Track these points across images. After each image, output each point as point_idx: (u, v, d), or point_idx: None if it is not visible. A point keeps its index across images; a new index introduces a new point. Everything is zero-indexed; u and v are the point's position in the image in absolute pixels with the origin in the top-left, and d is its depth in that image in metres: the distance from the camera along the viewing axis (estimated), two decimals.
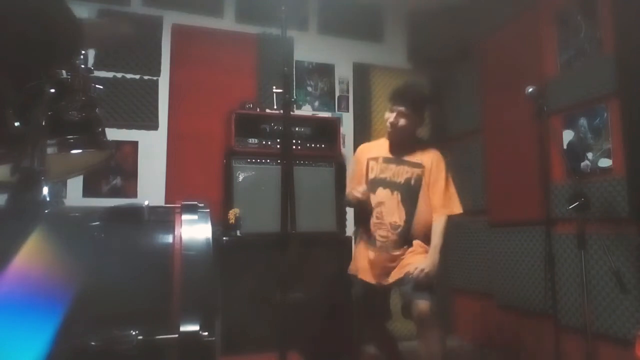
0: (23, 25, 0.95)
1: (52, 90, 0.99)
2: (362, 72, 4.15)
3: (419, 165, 2.48)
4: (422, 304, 2.23)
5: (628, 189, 2.49)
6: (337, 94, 4.10)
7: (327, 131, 3.56)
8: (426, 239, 2.44)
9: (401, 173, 2.48)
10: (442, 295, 4.07)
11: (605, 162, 2.65)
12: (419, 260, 2.35)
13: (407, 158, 2.51)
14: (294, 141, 3.34)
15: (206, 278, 0.85)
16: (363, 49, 4.18)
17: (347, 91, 4.13)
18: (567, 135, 2.91)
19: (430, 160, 2.49)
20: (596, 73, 2.71)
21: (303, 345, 2.54)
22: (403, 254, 2.43)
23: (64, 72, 1.02)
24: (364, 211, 2.55)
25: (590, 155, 2.75)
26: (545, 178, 2.64)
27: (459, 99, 4.09)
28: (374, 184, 2.52)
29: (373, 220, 2.48)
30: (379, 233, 2.46)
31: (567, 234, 2.78)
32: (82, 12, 3.22)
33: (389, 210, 2.45)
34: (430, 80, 4.33)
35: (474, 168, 3.79)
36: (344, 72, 4.13)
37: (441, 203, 2.43)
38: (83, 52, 1.12)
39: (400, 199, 2.44)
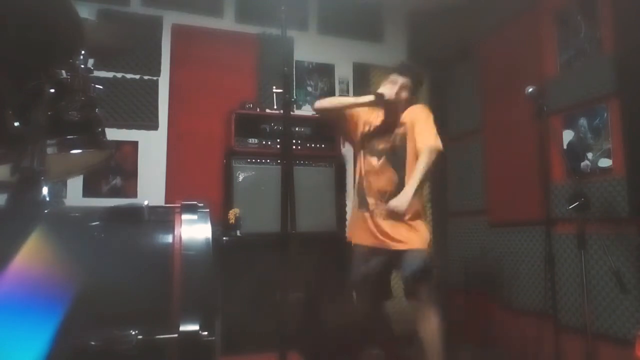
0: (23, 25, 0.95)
1: (52, 90, 0.99)
2: (362, 72, 4.15)
3: (401, 125, 2.50)
4: (422, 286, 2.31)
5: (628, 189, 2.49)
6: (337, 94, 4.10)
7: (327, 131, 3.56)
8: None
9: (386, 140, 2.51)
10: (442, 295, 4.08)
11: (605, 162, 2.65)
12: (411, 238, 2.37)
13: (394, 123, 2.52)
14: (294, 141, 3.34)
15: (206, 278, 0.85)
16: (363, 49, 4.18)
17: (347, 91, 4.13)
18: (567, 135, 2.91)
19: (409, 116, 2.49)
20: (596, 73, 2.71)
21: (303, 345, 2.54)
22: (395, 231, 2.39)
23: (64, 72, 1.02)
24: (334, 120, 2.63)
25: (590, 155, 2.75)
26: (545, 178, 2.64)
27: (459, 99, 4.09)
28: (367, 151, 2.56)
29: (365, 185, 2.53)
30: (369, 200, 2.50)
31: (567, 234, 2.78)
32: (82, 12, 3.21)
33: (376, 177, 2.49)
34: (430, 80, 4.34)
35: (474, 168, 3.79)
36: (344, 72, 4.13)
37: (421, 141, 2.39)
38: (83, 52, 1.12)
39: (387, 162, 2.46)
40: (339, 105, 2.64)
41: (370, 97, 2.50)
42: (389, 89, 2.47)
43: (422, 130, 2.41)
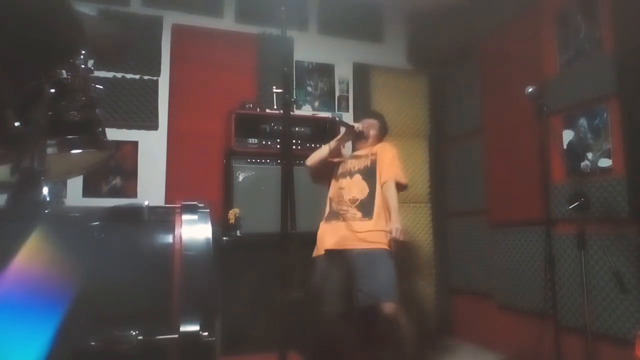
0: (23, 25, 0.95)
1: (52, 90, 0.99)
2: (362, 72, 4.15)
3: (373, 154, 2.80)
4: (388, 307, 2.39)
5: (628, 189, 2.49)
6: (337, 94, 4.10)
7: (327, 131, 3.56)
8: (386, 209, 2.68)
9: (360, 162, 2.80)
10: (442, 295, 4.09)
11: (605, 162, 2.65)
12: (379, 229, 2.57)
13: (365, 152, 2.84)
14: (294, 141, 3.34)
15: (206, 278, 0.85)
16: (363, 49, 4.18)
17: (347, 91, 4.13)
18: (567, 135, 2.91)
19: (380, 148, 2.82)
20: (596, 73, 2.71)
21: (303, 345, 2.54)
22: (363, 226, 2.59)
23: (64, 72, 1.01)
24: (323, 176, 2.93)
25: (590, 155, 2.75)
26: (545, 178, 2.63)
27: (459, 99, 4.09)
28: (334, 180, 2.86)
29: (337, 199, 2.76)
30: (340, 207, 2.70)
31: (567, 234, 2.78)
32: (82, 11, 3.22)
33: (348, 190, 2.72)
34: (430, 80, 4.34)
35: (474, 168, 3.79)
36: (344, 72, 4.13)
37: (386, 174, 2.69)
38: (83, 52, 1.11)
39: (361, 177, 2.73)
40: (324, 153, 2.90)
41: (343, 131, 2.86)
42: (359, 124, 2.90)
43: (387, 165, 2.73)
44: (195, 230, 0.90)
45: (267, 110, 3.47)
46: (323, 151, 2.91)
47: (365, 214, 2.63)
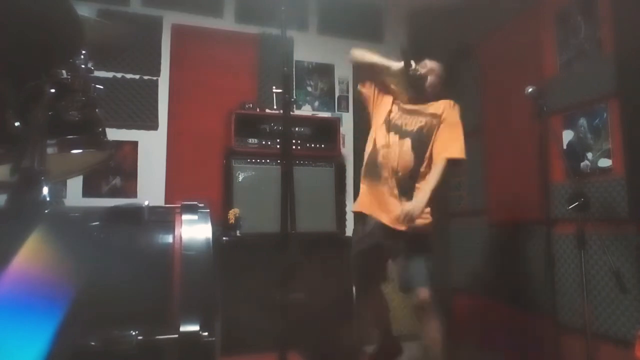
0: (23, 25, 0.95)
1: (52, 90, 0.99)
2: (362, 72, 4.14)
3: (434, 115, 2.49)
4: (423, 293, 2.29)
5: (628, 189, 2.49)
6: (337, 94, 4.10)
7: (327, 131, 3.56)
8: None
9: (415, 122, 2.50)
10: (442, 295, 4.08)
11: (605, 162, 2.65)
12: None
13: (423, 108, 2.54)
14: (294, 141, 3.34)
15: (206, 278, 0.85)
16: (363, 49, 4.17)
17: (347, 91, 4.13)
18: (567, 135, 2.91)
19: (445, 108, 2.50)
20: (596, 73, 2.71)
21: (303, 345, 2.54)
22: (399, 207, 2.35)
23: (64, 72, 1.01)
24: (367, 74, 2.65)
25: (590, 155, 2.75)
26: (545, 178, 2.63)
27: (459, 99, 4.08)
28: (388, 127, 2.54)
29: (379, 159, 2.49)
30: (383, 173, 2.46)
31: (567, 234, 2.78)
32: (82, 12, 3.22)
33: (393, 154, 2.45)
34: None
35: (474, 168, 3.78)
36: (344, 72, 4.13)
37: (444, 150, 2.41)
38: (83, 52, 1.12)
39: (411, 144, 2.44)
40: (370, 62, 2.63)
41: (399, 64, 2.49)
42: (419, 66, 2.51)
43: (446, 136, 2.42)
44: (195, 230, 0.90)
45: (267, 110, 3.47)
46: (371, 57, 2.61)
47: (402, 192, 2.39)
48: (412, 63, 2.46)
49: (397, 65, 2.52)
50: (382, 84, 2.69)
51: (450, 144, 2.42)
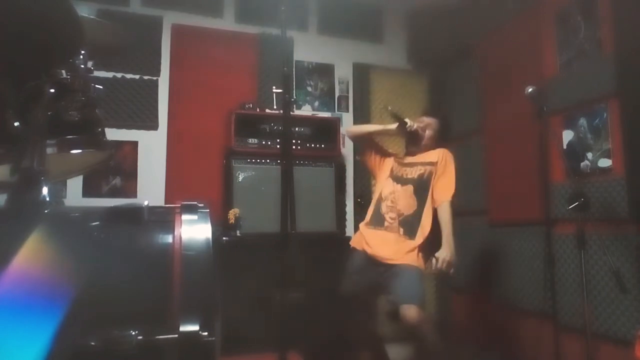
0: (23, 25, 0.95)
1: (52, 90, 0.99)
2: (362, 73, 4.15)
3: (431, 163, 2.64)
4: (410, 310, 2.27)
5: (628, 189, 2.49)
6: (337, 94, 4.10)
7: (327, 131, 3.56)
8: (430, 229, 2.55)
9: (414, 171, 2.66)
10: (442, 296, 4.09)
11: (605, 162, 2.65)
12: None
13: (421, 158, 2.70)
14: (294, 141, 3.34)
15: (206, 278, 0.84)
16: (363, 49, 4.18)
17: (347, 91, 4.13)
18: (567, 135, 2.91)
19: (440, 156, 2.65)
20: (596, 73, 2.71)
21: (303, 345, 2.54)
22: (405, 246, 2.50)
23: (64, 72, 1.01)
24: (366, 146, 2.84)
25: (590, 155, 2.75)
26: (545, 178, 2.63)
27: (459, 99, 4.09)
28: (390, 179, 2.71)
29: (386, 203, 2.64)
30: (389, 215, 2.60)
31: (567, 234, 2.78)
32: (82, 12, 3.22)
33: (399, 199, 2.61)
34: (430, 80, 4.34)
35: (474, 168, 3.79)
36: (343, 72, 4.13)
37: (444, 194, 2.56)
38: (83, 52, 1.12)
39: (412, 190, 2.61)
40: (367, 131, 2.86)
41: (394, 125, 2.67)
42: (414, 121, 2.70)
43: (445, 182, 2.59)
44: (195, 230, 0.90)
45: (267, 110, 3.47)
46: (367, 127, 2.85)
47: (407, 232, 2.54)
48: (407, 121, 2.64)
49: (393, 125, 2.69)
50: (381, 150, 2.87)
51: (449, 187, 2.58)
